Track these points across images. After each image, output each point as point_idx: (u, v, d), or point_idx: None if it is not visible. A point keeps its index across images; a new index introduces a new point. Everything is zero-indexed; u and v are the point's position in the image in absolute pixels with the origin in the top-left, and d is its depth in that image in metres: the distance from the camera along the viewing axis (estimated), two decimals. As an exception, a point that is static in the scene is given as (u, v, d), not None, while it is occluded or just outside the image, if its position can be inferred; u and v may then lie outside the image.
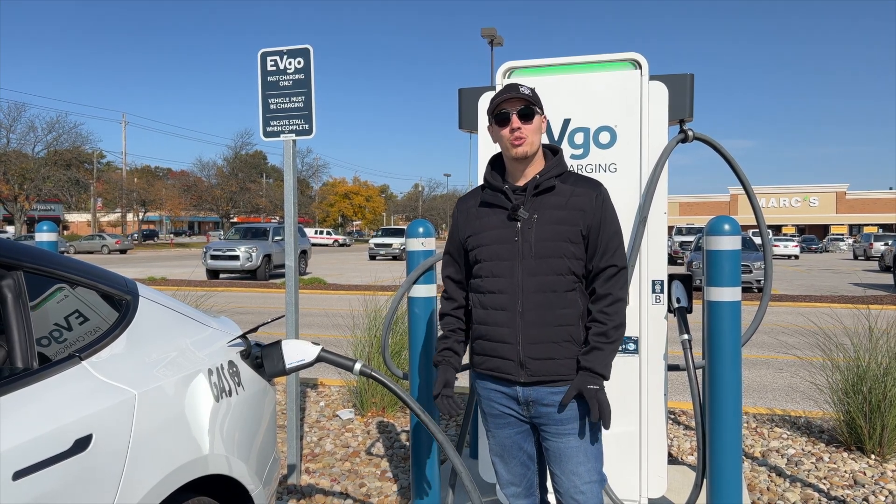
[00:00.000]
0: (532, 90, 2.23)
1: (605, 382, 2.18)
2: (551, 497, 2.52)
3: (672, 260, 29.50)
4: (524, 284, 2.17)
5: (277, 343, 2.52)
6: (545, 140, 3.19)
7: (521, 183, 2.23)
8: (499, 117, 2.21)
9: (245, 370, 2.47)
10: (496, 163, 2.34)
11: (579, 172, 2.32)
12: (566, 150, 3.22)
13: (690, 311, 3.27)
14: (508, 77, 3.29)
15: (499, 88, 3.26)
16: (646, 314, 3.17)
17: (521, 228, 2.18)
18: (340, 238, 61.45)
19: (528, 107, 2.19)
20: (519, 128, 2.17)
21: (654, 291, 3.17)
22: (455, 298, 2.37)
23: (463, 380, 6.44)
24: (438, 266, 3.43)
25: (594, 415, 2.11)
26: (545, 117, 2.27)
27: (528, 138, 2.18)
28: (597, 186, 2.22)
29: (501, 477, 2.39)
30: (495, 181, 2.27)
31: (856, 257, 38.85)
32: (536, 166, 2.24)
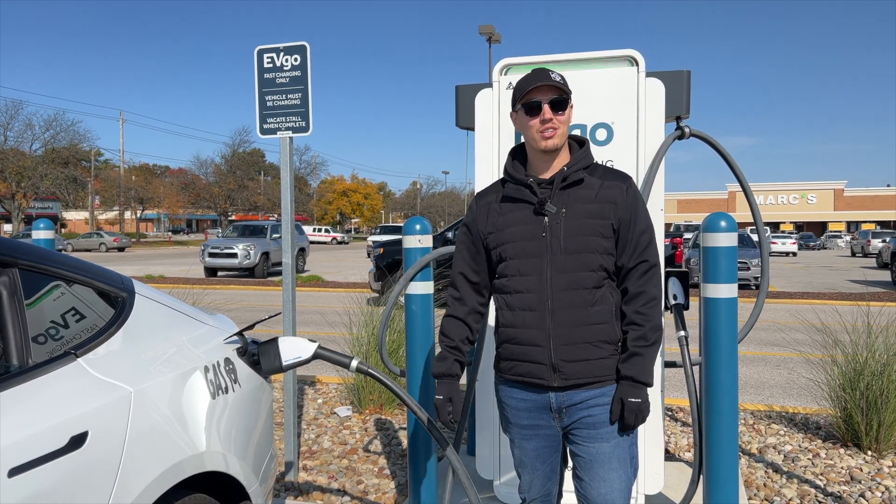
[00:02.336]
0: (562, 76, 2.08)
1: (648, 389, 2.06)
2: (565, 500, 2.47)
3: (670, 257, 29.49)
4: (553, 282, 2.04)
5: (274, 340, 2.52)
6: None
7: (546, 176, 2.10)
8: (528, 106, 2.06)
9: (242, 367, 2.47)
10: (517, 154, 2.21)
11: (605, 165, 2.20)
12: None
13: (687, 308, 3.27)
14: (505, 74, 3.29)
15: (495, 83, 3.27)
16: (643, 311, 3.17)
17: (550, 223, 2.05)
18: (339, 236, 61.41)
19: (561, 96, 2.05)
20: (551, 119, 2.03)
21: (650, 288, 3.17)
22: (466, 302, 2.22)
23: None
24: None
25: (627, 425, 2.04)
26: (573, 103, 2.14)
27: (560, 129, 2.05)
28: (626, 178, 2.10)
29: (522, 484, 2.27)
30: (518, 174, 2.13)
31: (853, 254, 38.92)
32: (562, 158, 2.11)
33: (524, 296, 2.07)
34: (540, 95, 2.05)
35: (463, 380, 4.32)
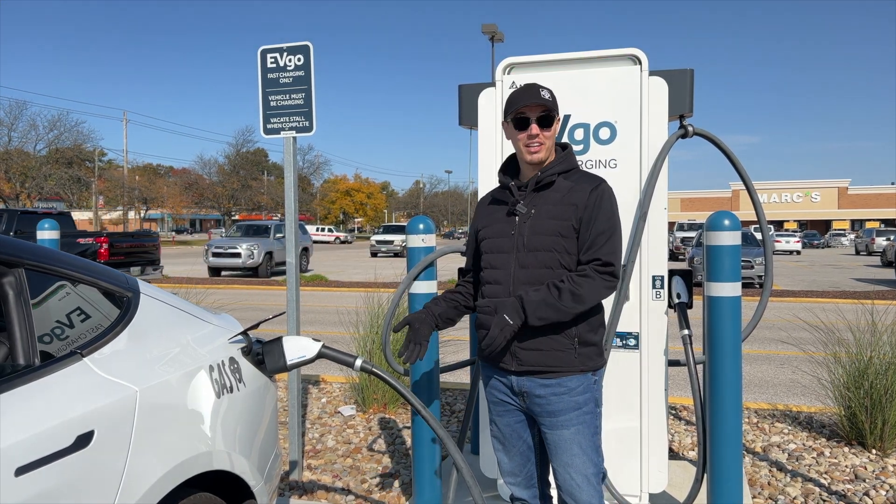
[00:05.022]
0: (551, 93, 2.27)
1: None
2: (553, 490, 2.54)
3: (674, 256, 29.49)
4: (516, 276, 2.24)
5: (278, 339, 2.52)
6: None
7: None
8: (518, 121, 2.25)
9: (246, 366, 2.48)
10: (511, 160, 2.41)
11: (585, 170, 2.40)
12: (566, 145, 3.22)
13: (691, 307, 3.27)
14: (508, 73, 3.29)
15: (498, 82, 3.27)
16: (646, 310, 3.17)
17: (519, 223, 2.26)
18: (342, 235, 61.43)
19: (549, 113, 2.23)
20: (537, 135, 2.22)
21: (654, 287, 3.17)
22: (470, 281, 2.50)
23: (463, 376, 6.44)
24: (439, 262, 3.43)
25: (488, 336, 2.15)
26: (559, 118, 2.31)
27: (546, 144, 2.24)
28: (595, 182, 2.25)
29: (502, 466, 2.44)
30: (504, 179, 2.35)
31: (857, 252, 38.81)
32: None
33: (493, 286, 2.30)
34: (529, 112, 2.23)
35: (467, 378, 4.32)
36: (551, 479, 2.50)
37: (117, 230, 52.37)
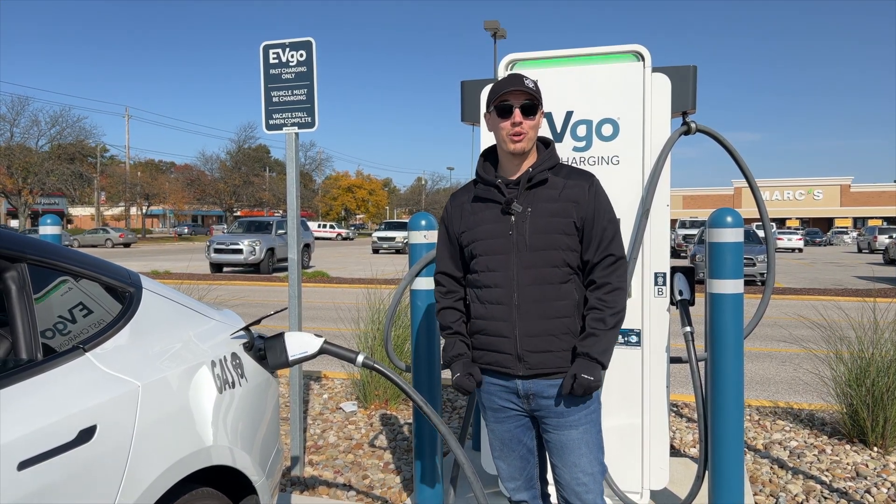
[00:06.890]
0: (535, 83, 2.20)
1: (605, 372, 2.19)
2: (551, 488, 2.54)
3: (676, 253, 29.46)
4: (519, 277, 2.16)
5: (280, 335, 2.53)
6: (545, 132, 3.20)
7: (514, 177, 2.23)
8: (500, 109, 2.17)
9: (248, 362, 2.48)
10: (489, 156, 2.34)
11: (570, 164, 2.33)
12: (568, 142, 3.22)
13: (693, 304, 3.27)
14: (510, 69, 3.29)
15: (500, 74, 3.26)
16: (648, 306, 3.17)
17: (516, 222, 2.18)
18: (343, 232, 61.41)
19: (532, 102, 2.16)
20: (521, 123, 2.15)
21: (656, 284, 3.17)
22: (454, 293, 2.35)
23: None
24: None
25: (576, 391, 2.11)
26: (543, 110, 2.26)
27: (528, 134, 2.16)
28: (589, 178, 2.22)
29: (501, 470, 2.40)
30: (488, 175, 2.26)
31: (860, 250, 38.73)
32: (530, 160, 2.24)
33: (492, 290, 2.21)
34: (512, 99, 2.16)
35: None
36: (549, 476, 2.49)
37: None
